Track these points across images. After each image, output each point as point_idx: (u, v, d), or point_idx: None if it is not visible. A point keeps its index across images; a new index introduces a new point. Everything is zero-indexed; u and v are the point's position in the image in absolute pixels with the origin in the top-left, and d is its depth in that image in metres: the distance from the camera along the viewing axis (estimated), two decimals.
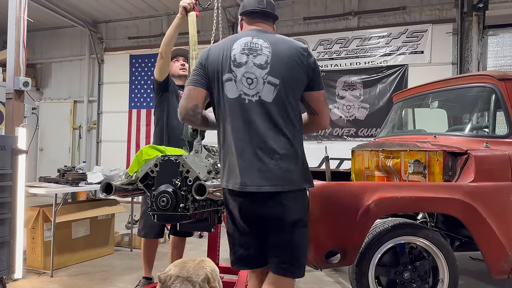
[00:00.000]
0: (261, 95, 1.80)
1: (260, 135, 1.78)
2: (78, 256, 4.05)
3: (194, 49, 2.71)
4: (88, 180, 4.00)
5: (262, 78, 1.81)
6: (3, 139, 3.07)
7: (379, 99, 7.11)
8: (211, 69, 1.87)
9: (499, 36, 6.59)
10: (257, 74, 1.81)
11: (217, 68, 1.85)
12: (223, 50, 1.87)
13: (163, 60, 2.95)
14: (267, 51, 1.83)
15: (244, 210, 1.85)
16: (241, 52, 1.84)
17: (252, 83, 1.81)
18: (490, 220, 2.52)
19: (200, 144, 2.40)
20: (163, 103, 3.10)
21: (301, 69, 1.85)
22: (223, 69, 1.84)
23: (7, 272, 3.04)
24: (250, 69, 1.81)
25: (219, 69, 1.85)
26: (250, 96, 1.81)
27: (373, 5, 7.30)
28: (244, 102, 1.80)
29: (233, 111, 1.82)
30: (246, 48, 1.84)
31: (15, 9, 3.57)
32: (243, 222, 1.88)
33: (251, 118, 1.79)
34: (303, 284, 3.49)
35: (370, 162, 3.60)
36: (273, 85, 1.81)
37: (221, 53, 1.86)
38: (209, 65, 1.88)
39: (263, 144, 1.77)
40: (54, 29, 9.84)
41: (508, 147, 2.74)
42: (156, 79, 3.05)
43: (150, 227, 2.98)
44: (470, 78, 3.27)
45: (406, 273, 2.58)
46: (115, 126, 9.14)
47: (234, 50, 1.85)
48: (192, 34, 2.71)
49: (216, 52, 1.89)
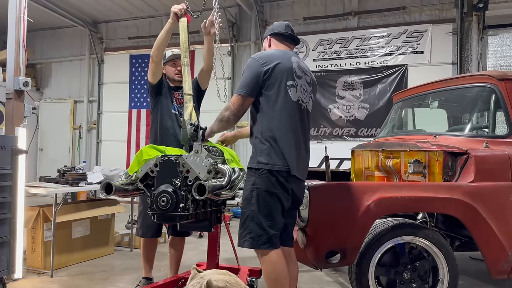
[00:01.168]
0: (307, 106, 2.34)
1: (307, 134, 2.34)
2: (78, 256, 4.05)
3: (186, 56, 2.72)
4: (88, 180, 4.00)
5: (308, 93, 2.36)
6: (3, 139, 3.07)
7: (379, 99, 7.11)
8: (275, 73, 2.20)
9: (499, 36, 6.59)
10: (307, 89, 2.35)
11: (282, 73, 2.21)
12: (285, 60, 2.25)
13: (154, 64, 2.98)
14: (309, 74, 2.40)
15: (289, 190, 2.19)
16: (297, 68, 2.29)
17: (305, 94, 2.32)
18: (490, 220, 2.52)
19: (200, 144, 2.40)
20: (157, 104, 3.11)
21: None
22: (287, 76, 2.22)
23: (7, 272, 3.04)
24: (304, 83, 2.32)
25: (283, 75, 2.21)
26: (304, 103, 2.31)
27: (373, 5, 7.31)
28: (301, 107, 2.27)
29: (292, 111, 2.22)
30: (299, 67, 2.30)
31: (15, 9, 3.57)
32: (286, 201, 2.19)
33: (304, 119, 2.29)
34: (303, 284, 3.49)
35: (370, 162, 3.60)
36: (313, 100, 2.42)
37: (284, 62, 2.24)
38: (272, 70, 2.20)
39: (307, 141, 2.34)
40: (54, 29, 9.84)
41: (508, 147, 2.74)
42: (149, 82, 3.08)
43: (147, 226, 2.98)
44: (470, 78, 3.27)
45: (406, 273, 2.58)
46: (115, 126, 9.14)
47: (293, 63, 2.27)
48: (183, 41, 2.71)
49: (277, 59, 2.23)
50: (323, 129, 7.45)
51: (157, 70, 3.02)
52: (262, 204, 2.12)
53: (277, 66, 2.20)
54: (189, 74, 2.75)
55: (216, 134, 2.44)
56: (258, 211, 2.12)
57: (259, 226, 2.10)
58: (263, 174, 2.13)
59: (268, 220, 2.11)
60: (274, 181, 2.13)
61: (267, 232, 2.10)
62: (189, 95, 2.69)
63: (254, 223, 2.11)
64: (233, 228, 5.61)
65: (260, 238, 2.09)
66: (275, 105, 2.20)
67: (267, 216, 2.11)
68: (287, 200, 2.19)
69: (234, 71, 8.22)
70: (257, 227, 2.10)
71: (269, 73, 2.19)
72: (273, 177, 2.13)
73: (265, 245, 2.10)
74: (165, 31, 2.87)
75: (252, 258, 4.24)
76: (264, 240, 2.09)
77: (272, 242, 2.11)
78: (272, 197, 2.13)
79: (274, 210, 2.14)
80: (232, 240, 3.29)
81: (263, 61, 2.21)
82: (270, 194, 2.13)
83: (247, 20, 8.19)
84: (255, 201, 2.13)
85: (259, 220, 2.11)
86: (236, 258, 3.22)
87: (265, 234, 2.09)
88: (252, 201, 2.14)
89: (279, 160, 2.14)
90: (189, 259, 4.12)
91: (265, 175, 2.13)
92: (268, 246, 2.10)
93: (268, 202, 2.13)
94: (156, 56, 2.94)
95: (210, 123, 2.73)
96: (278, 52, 2.31)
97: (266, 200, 2.13)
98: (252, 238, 2.10)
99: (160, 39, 2.90)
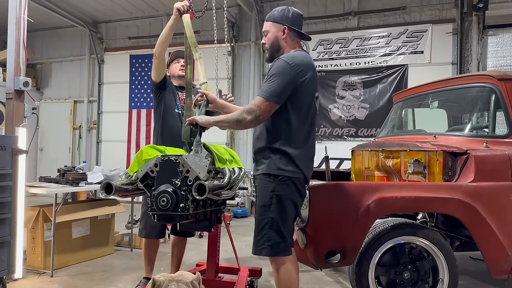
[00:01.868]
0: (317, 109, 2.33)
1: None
2: (78, 256, 4.05)
3: (196, 50, 2.68)
4: (88, 180, 4.00)
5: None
6: (3, 139, 3.07)
7: (379, 99, 7.11)
8: (309, 85, 2.18)
9: (499, 36, 6.58)
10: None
11: (314, 85, 2.21)
12: (314, 69, 2.23)
13: (157, 61, 2.97)
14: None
15: (304, 198, 2.27)
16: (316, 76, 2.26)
17: (317, 101, 2.30)
18: (490, 220, 2.52)
19: (200, 144, 2.40)
20: (161, 103, 3.11)
21: None
22: (316, 87, 2.24)
23: (7, 272, 3.04)
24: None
25: (314, 87, 2.23)
26: (317, 110, 2.31)
27: (373, 5, 7.31)
28: (316, 115, 2.29)
29: (314, 122, 2.28)
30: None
31: (15, 9, 3.57)
32: (300, 209, 2.26)
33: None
34: (303, 284, 3.49)
35: (370, 162, 3.60)
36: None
37: (314, 72, 2.22)
38: (308, 81, 2.16)
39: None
40: (54, 29, 9.84)
41: (508, 147, 2.74)
42: (153, 80, 3.07)
43: (151, 227, 2.98)
44: (470, 78, 3.27)
45: (406, 273, 2.58)
46: (115, 126, 9.14)
47: (316, 71, 2.25)
48: (190, 36, 2.69)
49: (311, 69, 2.19)
50: (323, 129, 7.45)
51: (160, 67, 3.00)
52: (282, 211, 2.11)
53: (312, 77, 2.17)
54: (202, 66, 2.65)
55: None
56: (278, 218, 2.11)
57: (278, 233, 2.09)
58: (284, 181, 2.12)
59: (286, 228, 2.12)
60: (294, 189, 2.14)
61: (285, 239, 2.10)
62: (205, 83, 2.61)
63: (273, 230, 2.09)
64: (233, 228, 5.64)
65: (279, 245, 2.09)
66: (304, 117, 2.19)
67: (286, 224, 2.11)
68: (300, 208, 2.26)
69: (234, 71, 8.22)
70: (276, 235, 2.09)
71: (305, 84, 2.14)
72: (293, 185, 2.13)
73: (283, 253, 2.10)
74: (168, 27, 2.86)
75: (252, 258, 4.23)
76: (282, 248, 2.09)
77: (289, 250, 2.13)
78: (291, 204, 2.14)
79: (292, 217, 2.16)
80: (232, 240, 3.29)
81: (299, 69, 2.12)
82: (290, 202, 2.13)
83: (247, 20, 8.19)
84: (275, 208, 2.11)
85: (278, 227, 2.10)
86: (236, 258, 3.22)
87: (283, 242, 2.10)
88: (272, 208, 2.12)
89: (299, 168, 2.14)
90: (189, 259, 4.12)
91: (286, 182, 2.12)
92: (285, 254, 2.11)
93: (287, 209, 2.12)
94: (159, 53, 2.93)
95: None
96: (307, 59, 2.22)
97: (286, 207, 2.12)
98: (271, 246, 2.09)
99: (163, 36, 2.89)
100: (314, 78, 2.20)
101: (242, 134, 8.19)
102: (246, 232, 5.81)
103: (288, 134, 2.15)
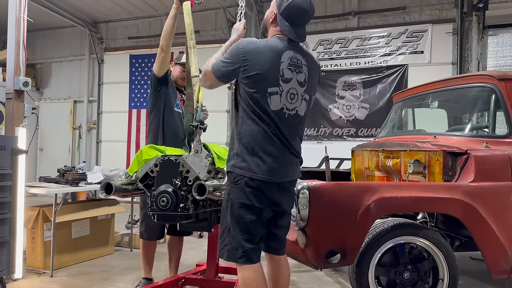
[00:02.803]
0: (298, 110, 2.03)
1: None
2: (78, 256, 4.05)
3: (192, 38, 2.68)
4: (88, 180, 4.00)
5: (300, 95, 2.03)
6: (3, 139, 3.07)
7: (379, 99, 7.11)
8: (261, 75, 1.93)
9: (499, 36, 6.58)
10: (298, 91, 2.02)
11: (265, 78, 1.93)
12: (272, 60, 1.94)
13: (164, 54, 2.92)
14: (305, 69, 2.04)
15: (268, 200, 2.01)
16: (288, 68, 1.97)
17: (293, 99, 2.01)
18: (490, 220, 2.52)
19: (200, 144, 2.40)
20: (160, 99, 3.06)
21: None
22: (270, 82, 1.94)
23: (7, 272, 3.04)
24: (295, 85, 2.00)
25: (266, 80, 1.94)
26: (290, 110, 2.00)
27: (373, 5, 7.30)
28: (284, 116, 1.99)
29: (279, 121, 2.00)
30: (292, 64, 1.99)
31: (15, 9, 3.57)
32: (265, 213, 2.01)
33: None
34: (303, 284, 3.49)
35: (370, 162, 3.60)
36: (306, 101, 2.08)
37: (270, 62, 1.94)
38: (256, 69, 1.92)
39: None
40: (54, 29, 9.83)
41: (508, 147, 2.74)
42: (156, 75, 3.01)
43: (152, 229, 2.97)
44: (470, 78, 3.27)
45: (406, 273, 2.58)
46: (115, 126, 9.14)
47: (282, 64, 1.96)
48: (188, 23, 2.69)
49: (263, 58, 1.94)
50: (323, 129, 7.45)
51: (165, 61, 2.96)
52: (236, 217, 1.98)
53: (256, 67, 1.94)
54: (195, 56, 2.66)
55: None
56: (232, 224, 1.98)
57: (235, 239, 1.98)
58: (238, 184, 1.96)
59: (244, 234, 1.97)
60: (249, 192, 1.95)
61: (242, 246, 1.96)
62: (197, 76, 2.59)
63: (230, 236, 1.99)
64: None
65: (236, 251, 1.97)
66: (259, 115, 1.99)
67: (242, 230, 1.97)
68: (267, 211, 2.02)
69: None
70: (233, 240, 1.98)
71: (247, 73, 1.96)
72: (248, 188, 1.95)
73: (241, 259, 1.97)
74: (171, 18, 2.84)
75: None
76: (240, 254, 1.97)
77: (248, 257, 1.97)
78: (247, 209, 1.97)
79: (251, 223, 1.97)
80: None
81: (240, 59, 1.96)
82: (244, 206, 1.97)
83: (247, 20, 8.15)
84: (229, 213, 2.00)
85: (235, 233, 1.98)
86: None
87: (240, 248, 1.97)
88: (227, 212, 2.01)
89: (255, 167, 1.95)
90: (189, 259, 4.12)
91: (239, 185, 1.96)
92: (244, 261, 1.97)
93: (242, 215, 1.97)
94: (166, 45, 2.89)
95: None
96: (266, 48, 1.97)
97: (240, 213, 1.98)
98: (228, 250, 1.99)
99: (168, 27, 2.87)
100: (263, 65, 1.93)
101: None
102: None
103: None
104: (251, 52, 1.94)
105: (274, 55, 1.95)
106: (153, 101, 3.10)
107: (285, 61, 1.96)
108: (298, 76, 2.01)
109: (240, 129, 2.02)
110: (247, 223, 1.96)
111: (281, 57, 1.96)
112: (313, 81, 2.11)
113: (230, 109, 8.20)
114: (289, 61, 1.98)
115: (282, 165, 1.98)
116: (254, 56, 1.93)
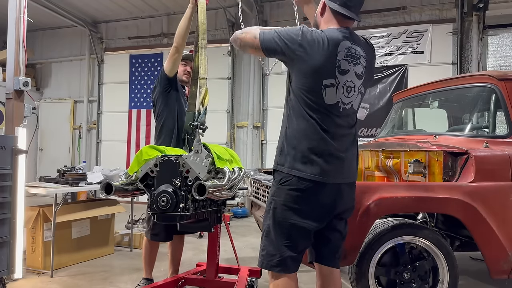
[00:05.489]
0: (353, 104, 1.90)
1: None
2: (78, 256, 4.05)
3: (203, 38, 2.66)
4: (88, 180, 4.00)
5: (358, 88, 1.90)
6: (3, 139, 3.07)
7: (379, 99, 7.11)
8: (315, 66, 1.80)
9: (499, 36, 6.59)
10: (356, 84, 1.89)
11: (320, 69, 1.80)
12: (328, 50, 1.80)
13: (178, 54, 2.91)
14: (363, 61, 1.90)
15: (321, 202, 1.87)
16: (344, 59, 1.83)
17: (350, 92, 1.88)
18: (490, 220, 2.52)
19: (200, 144, 2.40)
20: (172, 100, 3.02)
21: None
22: (325, 73, 1.81)
23: (7, 272, 3.04)
24: (352, 78, 1.86)
25: (322, 71, 1.81)
26: (345, 104, 1.87)
27: (373, 5, 7.30)
28: (338, 110, 1.85)
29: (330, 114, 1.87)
30: (349, 54, 1.85)
31: (15, 9, 3.57)
32: (313, 218, 1.86)
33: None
34: (303, 284, 3.49)
35: (370, 162, 3.60)
36: (362, 95, 1.95)
37: (326, 52, 1.80)
38: (310, 58, 1.80)
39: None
40: (54, 29, 9.84)
41: (508, 147, 2.74)
42: (167, 74, 2.98)
43: (159, 230, 2.92)
44: (470, 78, 3.27)
45: (406, 273, 2.58)
46: (115, 126, 9.15)
47: (339, 54, 1.82)
48: (202, 22, 2.67)
49: (319, 47, 1.80)
50: None
51: (178, 61, 2.95)
52: (278, 220, 1.85)
53: (310, 57, 1.81)
54: (205, 58, 2.64)
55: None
56: (274, 227, 1.85)
57: (273, 244, 1.85)
58: (284, 185, 1.84)
59: (285, 239, 1.83)
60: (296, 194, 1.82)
61: (281, 253, 1.83)
62: (204, 79, 2.57)
63: (269, 239, 1.86)
64: (233, 228, 5.63)
65: (272, 258, 1.84)
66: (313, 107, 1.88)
67: (284, 234, 1.83)
68: (317, 217, 1.88)
69: (234, 71, 8.22)
70: (271, 245, 1.85)
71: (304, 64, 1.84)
72: (295, 188, 1.82)
73: (277, 268, 1.84)
74: (187, 18, 2.83)
75: (252, 258, 4.24)
76: (276, 262, 1.83)
77: (285, 266, 1.83)
78: (293, 212, 1.83)
79: (294, 227, 1.83)
80: (232, 240, 3.29)
81: (299, 44, 1.82)
82: (290, 209, 1.84)
83: (247, 20, 8.19)
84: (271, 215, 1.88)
85: (275, 237, 1.85)
86: (236, 258, 3.22)
87: (278, 255, 1.83)
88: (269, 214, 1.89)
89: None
90: (189, 259, 4.12)
91: (286, 186, 1.84)
92: (279, 270, 1.84)
93: (286, 217, 1.83)
94: (181, 45, 2.87)
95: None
96: (320, 38, 1.83)
97: (283, 215, 1.84)
98: (263, 256, 1.87)
99: (182, 27, 2.85)
100: (318, 56, 1.80)
101: (242, 134, 8.19)
102: (246, 232, 5.82)
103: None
104: (308, 40, 1.80)
105: (331, 45, 1.80)
106: (163, 102, 3.04)
107: (342, 52, 1.82)
108: (356, 68, 1.86)
109: (288, 125, 1.88)
110: (290, 227, 1.82)
111: (338, 47, 1.82)
112: (370, 73, 1.97)
113: (230, 109, 8.20)
114: (346, 51, 1.83)
115: (334, 165, 1.84)
116: (310, 44, 1.79)
